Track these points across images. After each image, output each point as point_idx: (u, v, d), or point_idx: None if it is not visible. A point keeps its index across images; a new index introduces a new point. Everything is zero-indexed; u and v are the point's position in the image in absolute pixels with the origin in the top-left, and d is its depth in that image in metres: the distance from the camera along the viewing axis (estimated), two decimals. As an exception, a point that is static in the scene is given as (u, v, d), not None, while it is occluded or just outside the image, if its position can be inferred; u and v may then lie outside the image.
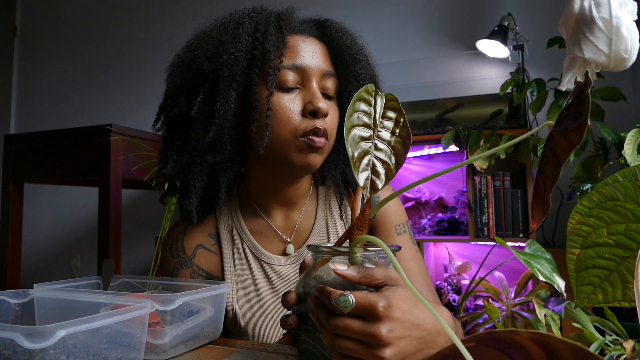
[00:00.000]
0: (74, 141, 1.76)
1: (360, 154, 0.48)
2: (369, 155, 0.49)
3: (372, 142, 0.49)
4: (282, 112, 0.71)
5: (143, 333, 0.52)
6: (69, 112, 3.20)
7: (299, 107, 0.72)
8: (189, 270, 0.80)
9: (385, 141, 0.49)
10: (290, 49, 0.73)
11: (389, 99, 0.52)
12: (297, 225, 0.82)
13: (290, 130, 0.71)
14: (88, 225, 3.04)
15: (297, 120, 0.72)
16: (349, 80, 0.77)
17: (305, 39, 0.75)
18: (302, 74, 0.73)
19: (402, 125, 0.50)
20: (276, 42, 0.72)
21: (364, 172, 0.48)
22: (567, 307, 0.89)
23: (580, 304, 0.44)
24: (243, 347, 0.63)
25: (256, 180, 0.81)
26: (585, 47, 0.60)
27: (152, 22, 3.06)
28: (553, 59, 2.00)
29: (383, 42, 2.42)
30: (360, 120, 0.50)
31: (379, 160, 0.49)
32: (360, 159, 0.48)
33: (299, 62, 0.73)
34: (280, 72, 0.71)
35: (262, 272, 0.80)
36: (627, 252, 0.41)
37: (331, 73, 0.76)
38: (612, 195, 0.41)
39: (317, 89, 0.73)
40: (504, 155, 1.68)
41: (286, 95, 0.72)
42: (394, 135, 0.50)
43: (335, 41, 0.77)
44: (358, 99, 0.51)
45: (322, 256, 0.53)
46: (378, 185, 0.48)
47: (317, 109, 0.71)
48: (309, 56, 0.74)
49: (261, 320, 0.78)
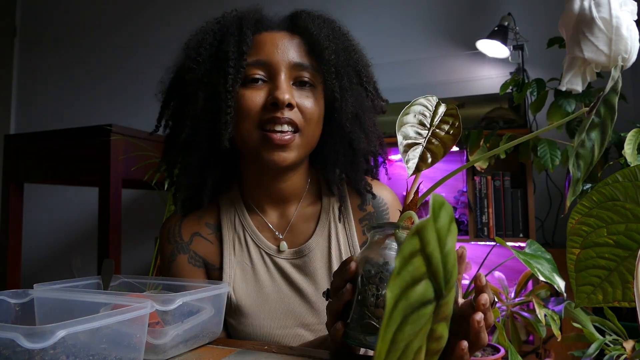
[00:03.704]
0: (74, 141, 1.76)
1: (409, 144, 0.54)
2: (421, 146, 0.54)
3: (427, 137, 0.54)
4: (245, 106, 0.73)
5: (143, 333, 0.52)
6: (69, 112, 3.20)
7: (261, 100, 0.73)
8: (187, 256, 0.81)
9: (438, 137, 0.55)
10: (255, 46, 0.75)
11: (450, 107, 0.58)
12: (291, 224, 0.83)
13: (251, 123, 0.73)
14: (88, 225, 3.04)
15: (259, 113, 0.73)
16: (327, 69, 0.76)
17: (273, 34, 0.76)
18: (267, 69, 0.74)
19: (457, 127, 0.55)
20: (237, 42, 0.73)
21: (412, 157, 0.53)
22: (567, 307, 0.89)
23: (580, 304, 0.44)
24: (243, 347, 0.63)
25: (247, 177, 0.83)
26: (585, 47, 0.60)
27: (152, 22, 3.06)
28: (553, 59, 2.00)
29: (383, 42, 2.41)
30: (417, 119, 0.56)
31: (429, 151, 0.53)
32: (409, 147, 0.53)
33: (263, 57, 0.74)
34: (245, 70, 0.73)
35: (262, 261, 0.81)
36: (627, 252, 0.41)
37: (304, 64, 0.75)
38: (612, 195, 0.41)
39: (285, 81, 0.73)
40: (504, 155, 1.68)
41: (250, 91, 0.73)
42: (447, 134, 0.55)
43: (309, 32, 0.76)
44: (417, 104, 0.57)
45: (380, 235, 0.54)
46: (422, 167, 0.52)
47: (276, 99, 0.71)
48: (274, 50, 0.74)
49: (260, 309, 0.79)
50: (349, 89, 0.77)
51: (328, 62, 0.75)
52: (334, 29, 0.79)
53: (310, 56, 0.76)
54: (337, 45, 0.77)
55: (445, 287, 0.25)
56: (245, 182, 0.83)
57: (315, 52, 0.76)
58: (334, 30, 0.79)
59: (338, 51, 0.77)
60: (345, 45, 0.80)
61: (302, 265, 0.81)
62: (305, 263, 0.80)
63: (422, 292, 0.23)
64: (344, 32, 0.82)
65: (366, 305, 0.50)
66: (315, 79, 0.77)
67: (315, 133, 0.77)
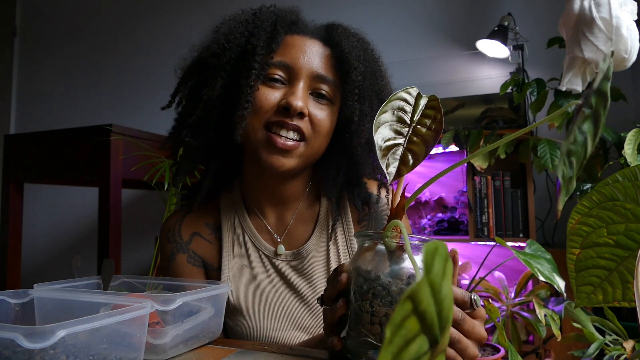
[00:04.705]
0: (74, 141, 1.76)
1: (388, 146, 0.50)
2: (401, 147, 0.50)
3: (407, 136, 0.51)
4: (257, 103, 0.72)
5: (143, 333, 0.52)
6: (69, 112, 3.20)
7: (275, 101, 0.72)
8: (186, 256, 0.81)
9: (420, 134, 0.51)
10: (284, 47, 0.74)
11: (432, 99, 0.55)
12: (289, 226, 0.83)
13: (259, 121, 0.72)
14: (88, 225, 3.04)
15: (269, 113, 0.72)
16: (351, 90, 0.75)
17: (305, 39, 0.75)
18: (289, 72, 0.73)
19: (439, 121, 0.52)
20: (268, 39, 0.72)
21: (392, 161, 0.50)
22: (567, 307, 0.89)
23: (580, 304, 0.44)
24: (243, 347, 0.63)
25: (248, 176, 0.82)
26: (585, 47, 0.60)
27: (152, 22, 3.06)
28: (553, 59, 2.00)
29: (383, 42, 2.40)
30: (396, 116, 0.52)
31: (410, 151, 0.50)
32: (388, 149, 0.50)
33: (288, 60, 0.73)
34: (269, 68, 0.72)
35: (261, 263, 0.81)
36: (627, 252, 0.41)
37: (326, 78, 0.74)
38: (612, 195, 0.41)
39: (303, 89, 0.72)
40: (504, 155, 1.68)
41: (269, 90, 0.72)
42: (429, 130, 0.52)
43: (341, 47, 0.75)
44: (396, 99, 0.53)
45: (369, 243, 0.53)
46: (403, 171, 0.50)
47: (289, 104, 0.70)
48: (300, 55, 0.73)
49: (257, 310, 0.79)
50: (368, 114, 0.76)
51: (353, 83, 0.74)
52: (366, 51, 0.78)
53: (335, 71, 0.76)
54: (365, 68, 0.76)
55: (441, 334, 0.24)
56: (246, 182, 0.83)
57: (342, 69, 0.75)
58: (366, 52, 0.78)
59: (365, 74, 0.76)
60: (374, 70, 0.79)
61: (300, 267, 0.80)
62: (304, 265, 0.80)
63: (417, 350, 0.21)
64: (376, 57, 0.81)
65: (362, 323, 0.50)
66: (334, 95, 0.76)
67: (321, 146, 0.77)
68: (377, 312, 0.49)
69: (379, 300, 0.49)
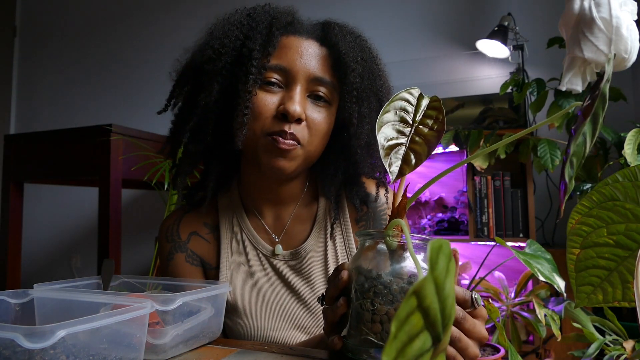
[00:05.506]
0: (74, 141, 1.76)
1: (390, 145, 0.51)
2: (403, 147, 0.51)
3: (409, 136, 0.52)
4: (256, 109, 0.71)
5: (143, 333, 0.52)
6: (69, 112, 3.20)
7: (273, 106, 0.71)
8: (184, 255, 0.81)
9: (422, 134, 0.52)
10: (280, 49, 0.72)
11: (433, 100, 0.55)
12: (287, 226, 0.83)
13: (259, 128, 0.71)
14: (88, 225, 3.04)
15: (268, 120, 0.71)
16: (349, 91, 0.74)
17: (301, 40, 0.73)
18: (286, 76, 0.72)
19: (441, 121, 0.52)
20: (264, 42, 0.71)
21: (394, 161, 0.50)
22: (567, 307, 0.89)
23: (580, 304, 0.44)
24: (243, 347, 0.63)
25: (246, 176, 0.82)
26: (585, 47, 0.60)
27: (152, 22, 3.06)
28: (553, 59, 2.00)
29: (383, 42, 2.41)
30: (398, 116, 0.53)
31: (413, 151, 0.51)
32: (391, 149, 0.50)
33: (284, 63, 0.71)
34: (265, 71, 0.71)
35: (259, 263, 0.81)
36: (627, 252, 0.41)
37: (323, 80, 0.73)
38: (612, 195, 0.41)
39: (300, 92, 0.71)
40: (504, 155, 1.68)
41: (266, 95, 0.71)
42: (431, 130, 0.52)
43: (337, 48, 0.74)
44: (398, 99, 0.53)
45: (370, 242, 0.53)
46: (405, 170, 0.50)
47: (286, 112, 0.69)
48: (297, 58, 0.72)
49: (256, 310, 0.79)
50: (367, 115, 0.76)
51: (351, 85, 0.73)
52: (363, 50, 0.77)
53: (332, 72, 0.74)
54: (363, 68, 0.75)
55: (444, 332, 0.24)
56: (244, 182, 0.83)
57: (340, 70, 0.74)
58: (364, 51, 0.77)
59: (363, 74, 0.75)
60: (372, 70, 0.78)
61: (298, 267, 0.80)
62: (302, 265, 0.80)
63: (420, 346, 0.22)
64: (374, 55, 0.79)
65: (363, 322, 0.50)
66: (332, 96, 0.75)
67: (319, 148, 0.76)
68: (378, 310, 0.49)
69: (380, 299, 0.49)
